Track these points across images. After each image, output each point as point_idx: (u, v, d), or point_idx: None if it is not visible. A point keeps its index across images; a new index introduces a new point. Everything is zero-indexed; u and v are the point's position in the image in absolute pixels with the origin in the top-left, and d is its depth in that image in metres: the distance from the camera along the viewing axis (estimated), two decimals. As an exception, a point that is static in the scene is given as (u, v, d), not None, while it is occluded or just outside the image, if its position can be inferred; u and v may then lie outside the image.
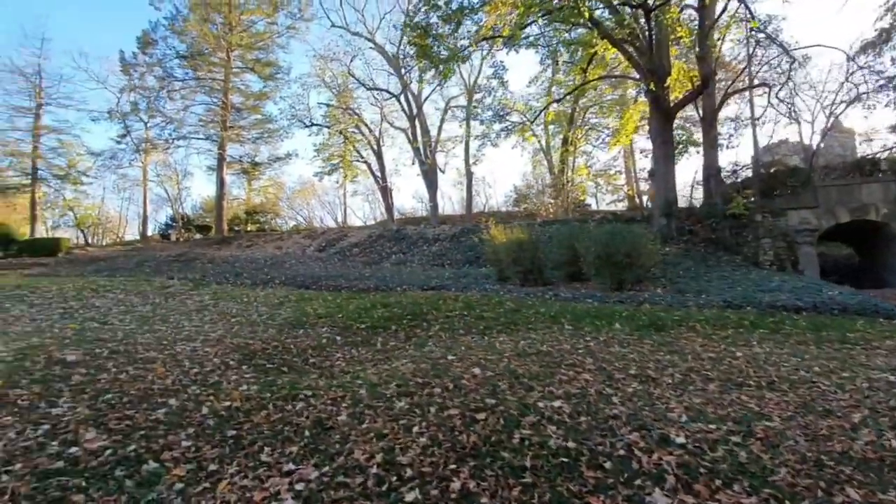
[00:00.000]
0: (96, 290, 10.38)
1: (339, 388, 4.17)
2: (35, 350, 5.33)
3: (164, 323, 7.17)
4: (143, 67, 26.43)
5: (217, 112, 28.51)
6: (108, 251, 24.42)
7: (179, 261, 18.24)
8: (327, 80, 29.09)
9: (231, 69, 28.06)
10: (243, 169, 31.06)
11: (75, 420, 3.47)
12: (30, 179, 26.39)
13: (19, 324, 7.19)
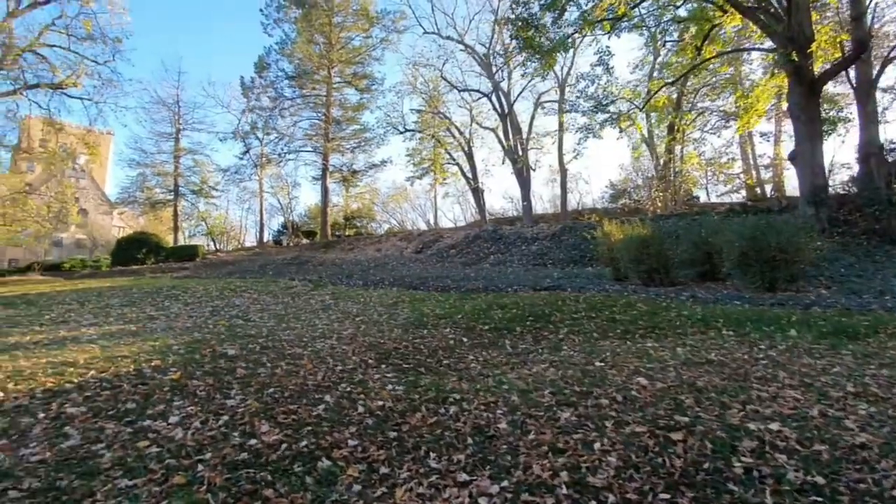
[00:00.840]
0: (234, 290, 11.50)
1: (486, 392, 3.95)
2: (200, 344, 5.89)
3: (297, 321, 7.62)
4: (259, 90, 29.45)
5: (320, 126, 30.70)
6: (234, 256, 27.39)
7: (294, 264, 19.79)
8: (419, 86, 29.85)
9: (332, 84, 30.04)
10: (343, 177, 33.05)
11: (248, 412, 3.65)
12: (172, 195, 30.69)
13: (180, 320, 8.12)
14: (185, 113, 30.32)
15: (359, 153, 32.73)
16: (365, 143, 33.14)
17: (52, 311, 9.31)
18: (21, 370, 4.78)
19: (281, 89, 30.18)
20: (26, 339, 6.70)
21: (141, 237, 26.08)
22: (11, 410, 3.80)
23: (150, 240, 26.05)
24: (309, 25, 27.37)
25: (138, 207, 31.58)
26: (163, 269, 21.65)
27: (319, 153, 30.80)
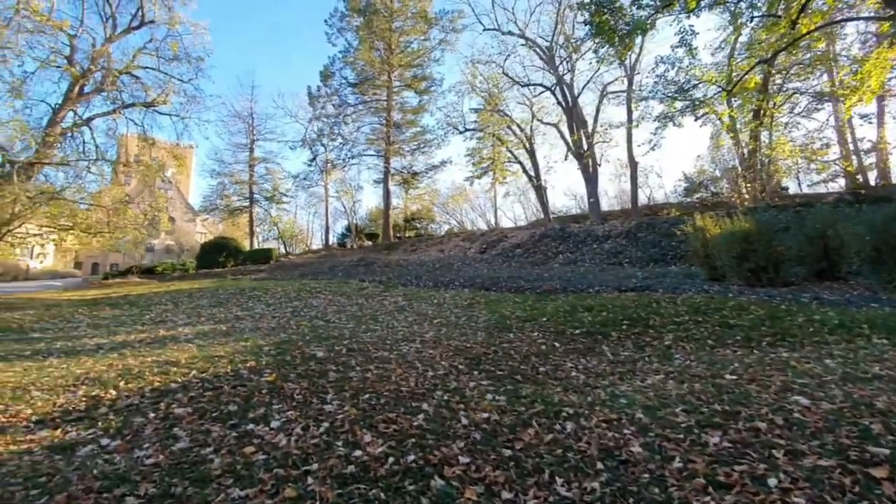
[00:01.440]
0: (310, 291, 11.79)
1: (602, 406, 3.52)
2: (287, 345, 5.93)
3: (375, 322, 7.55)
4: (324, 98, 30.59)
5: (382, 130, 31.30)
6: (304, 258, 28.56)
7: (361, 265, 20.19)
8: (477, 84, 29.52)
9: (392, 89, 30.53)
10: (403, 179, 33.46)
11: (347, 420, 3.48)
12: (248, 202, 32.67)
13: (264, 320, 8.35)
14: (258, 124, 32.30)
15: (418, 155, 33.04)
16: (424, 145, 33.37)
17: (151, 312, 10.00)
18: (130, 369, 5.01)
19: (344, 96, 31.21)
20: (132, 338, 7.16)
21: (221, 242, 28.02)
22: (124, 409, 3.92)
23: (229, 244, 27.88)
24: (370, 32, 28.01)
25: (218, 214, 34.03)
26: (241, 271, 22.99)
27: (381, 157, 31.41)
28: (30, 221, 14.38)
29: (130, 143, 21.06)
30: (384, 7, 27.98)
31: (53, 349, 6.34)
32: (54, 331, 7.97)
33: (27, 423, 3.69)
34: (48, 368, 5.12)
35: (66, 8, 17.31)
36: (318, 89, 30.67)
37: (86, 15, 18.33)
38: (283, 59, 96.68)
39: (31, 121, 16.97)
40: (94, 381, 4.61)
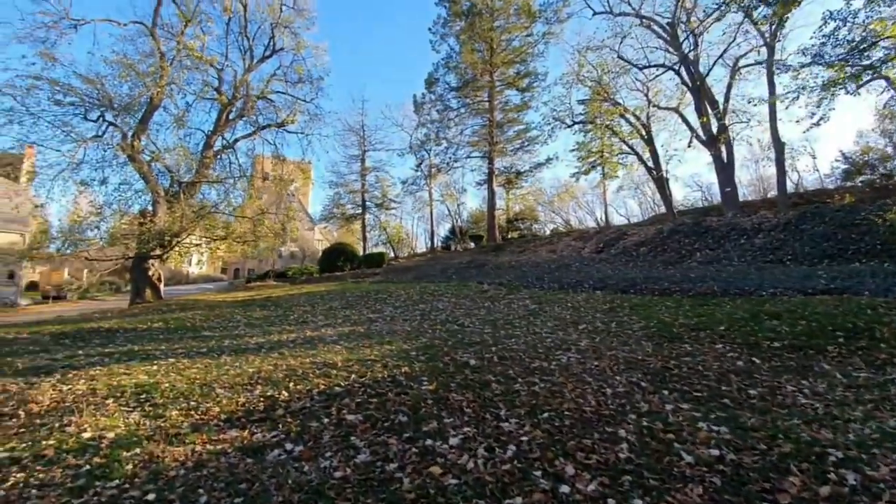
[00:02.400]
0: (431, 294, 11.80)
1: (880, 447, 2.61)
2: (432, 350, 5.74)
3: (512, 327, 7.10)
4: (429, 105, 31.37)
5: (484, 131, 31.12)
6: (412, 261, 29.44)
7: (472, 267, 20.05)
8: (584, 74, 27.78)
9: (495, 88, 30.18)
10: (507, 179, 32.91)
11: (535, 443, 3.04)
12: (360, 209, 34.78)
13: (397, 323, 8.41)
14: (369, 135, 34.24)
15: (522, 154, 32.22)
16: (528, 143, 32.43)
17: (293, 313, 10.76)
18: (294, 369, 5.17)
19: (447, 101, 31.66)
20: (284, 338, 7.63)
21: (339, 247, 30.18)
22: (299, 412, 3.94)
23: (346, 249, 29.88)
24: (472, 34, 28.02)
25: (335, 222, 36.77)
26: (359, 274, 24.37)
27: (485, 158, 31.24)
28: (193, 233, 16.72)
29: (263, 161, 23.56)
30: (486, 7, 27.77)
31: (223, 347, 6.93)
32: (220, 329, 8.87)
33: (217, 421, 3.86)
34: (224, 366, 5.51)
35: (213, 45, 19.79)
36: (423, 96, 31.57)
37: (229, 50, 20.87)
38: (390, 73, 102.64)
39: (191, 146, 19.76)
40: (266, 381, 4.79)
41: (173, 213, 15.90)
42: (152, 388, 4.73)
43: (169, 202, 16.27)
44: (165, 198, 16.26)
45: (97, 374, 5.35)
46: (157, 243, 15.31)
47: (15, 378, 5.51)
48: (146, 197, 17.50)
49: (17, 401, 4.69)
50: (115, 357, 6.40)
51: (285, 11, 19.93)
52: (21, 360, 6.62)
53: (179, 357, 6.23)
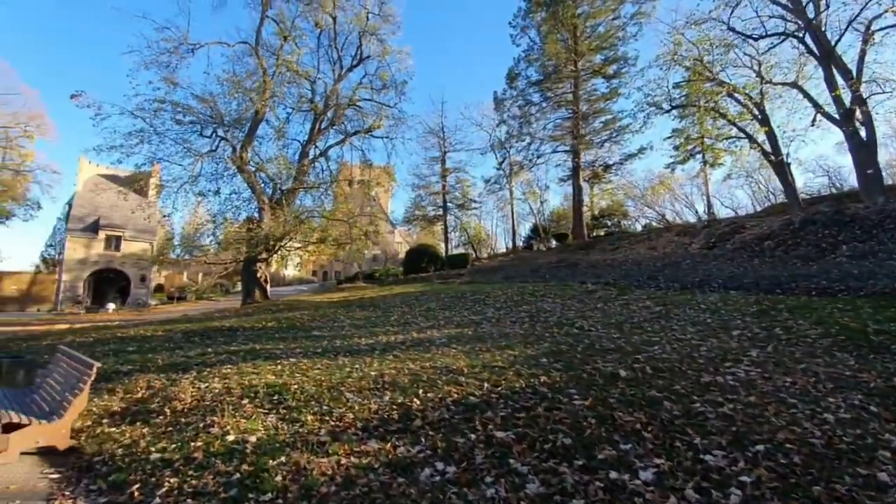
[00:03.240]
0: (532, 294, 11.15)
1: None
2: (561, 356, 5.13)
3: (644, 332, 6.25)
4: (509, 101, 30.68)
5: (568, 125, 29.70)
6: (496, 262, 28.87)
7: (563, 266, 19.00)
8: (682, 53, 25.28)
9: (580, 77, 28.64)
10: (594, 173, 31.08)
11: (767, 487, 2.32)
12: (441, 210, 34.94)
13: (505, 325, 7.89)
14: (448, 136, 34.32)
15: (611, 145, 30.21)
16: (617, 134, 30.34)
17: (392, 314, 10.71)
18: (417, 375, 4.85)
19: (529, 96, 30.72)
20: (392, 339, 7.46)
21: (422, 248, 30.50)
22: (438, 425, 3.56)
23: (429, 250, 30.12)
24: (555, 24, 26.87)
25: (417, 224, 37.35)
26: (443, 275, 24.32)
27: (569, 152, 29.80)
28: (295, 237, 17.70)
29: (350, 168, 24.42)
30: (568, -6, 26.46)
31: (337, 347, 6.89)
32: (328, 329, 9.00)
33: (355, 430, 3.60)
34: (345, 368, 5.36)
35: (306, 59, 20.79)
36: (504, 92, 30.92)
37: (320, 62, 21.91)
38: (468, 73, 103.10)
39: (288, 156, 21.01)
40: (392, 385, 4.52)
41: (276, 219, 16.90)
42: (282, 388, 4.67)
43: (272, 209, 17.33)
44: (269, 205, 17.33)
45: (229, 373, 5.48)
46: (264, 247, 16.33)
47: (158, 374, 5.85)
48: (252, 205, 18.89)
49: (162, 398, 4.89)
50: (241, 355, 6.62)
51: (371, 19, 20.44)
52: (160, 356, 7.12)
53: (299, 357, 6.25)
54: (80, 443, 4.02)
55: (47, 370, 4.93)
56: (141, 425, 4.22)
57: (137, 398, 5.03)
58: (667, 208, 37.08)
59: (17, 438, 3.65)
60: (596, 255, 21.90)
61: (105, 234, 31.83)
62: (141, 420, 4.35)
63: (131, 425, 4.28)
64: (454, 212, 35.72)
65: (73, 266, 30.75)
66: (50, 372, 4.84)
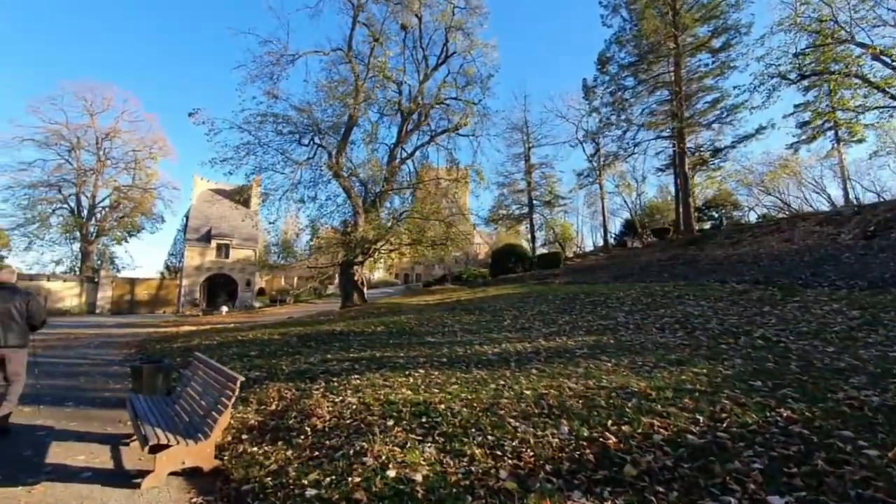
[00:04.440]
0: (664, 295, 9.72)
1: None
2: (782, 378, 3.93)
3: (863, 344, 4.76)
4: (601, 87, 28.54)
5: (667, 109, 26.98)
6: (591, 261, 26.98)
7: (678, 263, 16.93)
8: (812, 13, 21.67)
9: (682, 54, 25.83)
10: (701, 159, 27.85)
11: None
12: (527, 209, 33.60)
13: (651, 334, 6.70)
14: (533, 131, 32.88)
15: (721, 126, 26.84)
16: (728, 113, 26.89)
17: (502, 318, 9.89)
18: (589, 399, 3.91)
19: (622, 80, 28.34)
20: (519, 348, 6.62)
21: (509, 248, 29.47)
22: (663, 475, 2.63)
23: (516, 250, 29.02)
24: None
25: (502, 224, 36.27)
26: (536, 276, 23.11)
27: (671, 137, 26.98)
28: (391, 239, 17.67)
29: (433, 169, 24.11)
30: (667, -39, 23.93)
31: (462, 357, 6.22)
32: (440, 335, 8.41)
33: (544, 474, 2.79)
34: (488, 384, 4.62)
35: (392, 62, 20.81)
36: (595, 79, 28.84)
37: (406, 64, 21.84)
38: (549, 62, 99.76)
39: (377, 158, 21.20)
40: (563, 411, 3.66)
41: (370, 222, 16.97)
42: (427, 408, 4.03)
43: (366, 212, 17.44)
44: (364, 208, 17.45)
45: (360, 385, 5.00)
46: (361, 250, 16.42)
47: (286, 383, 5.56)
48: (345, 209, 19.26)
49: (298, 412, 4.50)
50: (364, 363, 6.18)
51: (457, 14, 19.94)
52: (283, 361, 6.95)
53: (426, 367, 5.65)
54: (225, 463, 3.67)
55: (186, 378, 4.77)
56: (283, 446, 3.80)
57: (272, 410, 4.70)
58: (790, 195, 32.45)
59: (164, 460, 3.36)
60: (713, 250, 19.37)
61: (216, 242, 34.88)
62: (282, 439, 3.94)
63: (273, 444, 3.88)
64: (539, 210, 34.16)
65: (191, 272, 34.07)
66: (188, 380, 4.66)
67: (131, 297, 34.53)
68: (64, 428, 4.77)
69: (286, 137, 17.88)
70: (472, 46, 20.48)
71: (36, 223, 37.24)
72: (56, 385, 6.84)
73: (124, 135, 40.49)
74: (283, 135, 17.76)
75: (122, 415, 5.30)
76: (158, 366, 5.81)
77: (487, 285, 22.62)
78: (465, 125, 21.31)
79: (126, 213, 40.81)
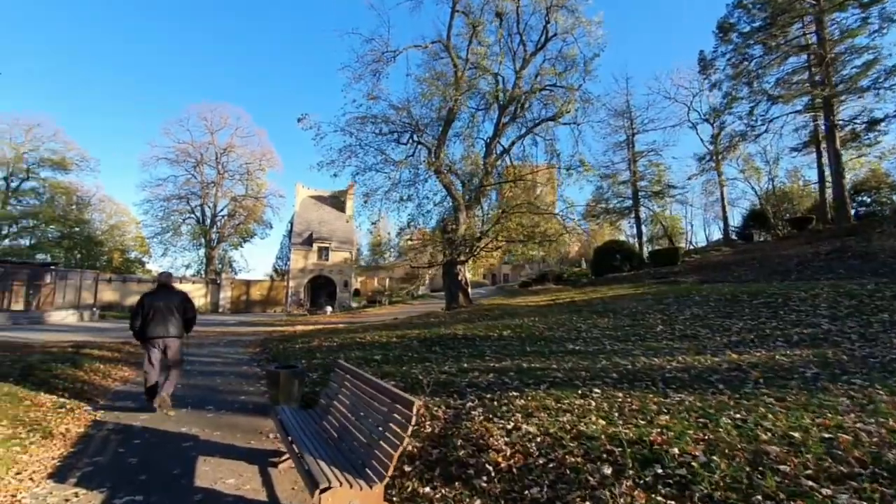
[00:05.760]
0: (871, 297, 7.55)
1: None
2: None
3: None
4: (722, 59, 25.02)
5: (806, 79, 22.89)
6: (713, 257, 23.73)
7: (847, 258, 13.84)
8: None
9: (823, 9, 21.69)
10: (853, 133, 23.19)
11: None
12: (631, 201, 30.69)
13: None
14: (637, 116, 29.96)
15: (881, 93, 22.05)
16: (887, 76, 22.05)
17: (644, 322, 8.43)
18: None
19: (748, 48, 24.59)
20: (701, 361, 5.26)
21: (613, 245, 27.00)
22: None
23: (622, 247, 26.52)
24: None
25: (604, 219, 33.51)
26: (651, 274, 20.72)
27: (813, 110, 22.81)
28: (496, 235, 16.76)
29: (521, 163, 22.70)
30: None
31: (635, 372, 5.02)
32: (582, 342, 7.24)
33: None
34: (715, 417, 3.39)
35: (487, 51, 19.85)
36: (714, 50, 25.38)
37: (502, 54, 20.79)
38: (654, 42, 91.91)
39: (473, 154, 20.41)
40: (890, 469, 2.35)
41: (471, 219, 16.19)
42: (653, 451, 2.92)
43: (467, 208, 16.69)
44: (465, 204, 16.72)
45: (527, 407, 4.03)
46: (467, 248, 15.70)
47: (431, 398, 4.80)
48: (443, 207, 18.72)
49: (463, 438, 3.63)
50: (512, 376, 5.21)
51: (560, -11, 18.43)
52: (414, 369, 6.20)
53: (600, 385, 4.53)
54: (396, 509, 2.93)
55: (331, 389, 4.17)
56: (463, 488, 2.95)
57: (428, 434, 3.91)
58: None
59: (330, 501, 2.67)
60: (885, 241, 15.70)
61: (317, 245, 36.77)
62: (458, 478, 3.09)
63: (448, 485, 3.05)
64: (644, 202, 31.02)
65: (296, 274, 36.25)
66: (334, 392, 4.05)
67: (247, 297, 37.64)
68: (208, 438, 4.44)
69: (385, 137, 17.81)
70: (576, 25, 18.81)
71: (170, 232, 42.35)
72: (196, 385, 6.84)
73: (238, 149, 44.58)
74: (382, 135, 17.71)
75: (261, 423, 4.93)
76: (294, 371, 5.41)
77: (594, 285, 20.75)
78: (566, 112, 19.68)
79: (241, 221, 44.83)
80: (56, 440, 4.25)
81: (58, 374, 6.67)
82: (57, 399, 5.50)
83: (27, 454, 3.79)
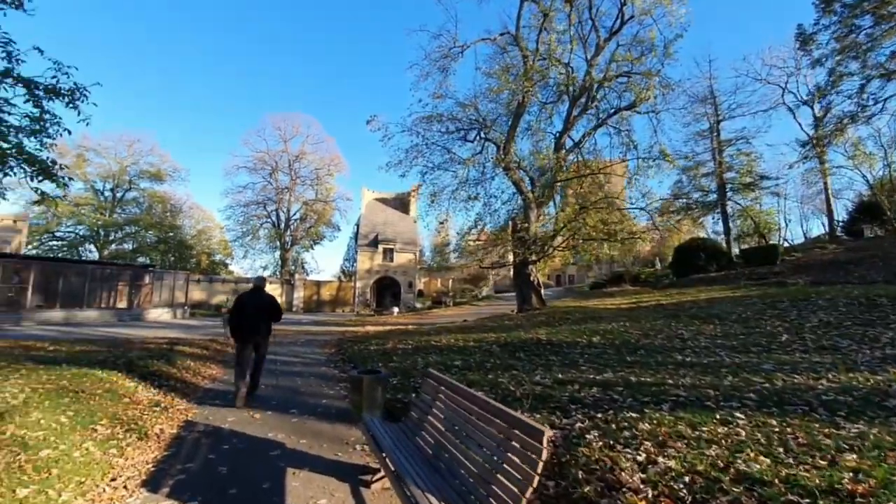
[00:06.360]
0: None
1: None
2: None
3: None
4: (826, 32, 22.00)
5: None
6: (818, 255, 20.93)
7: None
8: None
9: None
10: None
11: None
12: (716, 195, 27.95)
13: None
14: (722, 101, 27.19)
15: None
16: None
17: (758, 329, 7.29)
18: None
19: (856, 18, 21.44)
20: (860, 381, 4.27)
21: (697, 243, 24.69)
22: None
23: (707, 245, 24.19)
24: None
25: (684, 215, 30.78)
26: (746, 274, 18.59)
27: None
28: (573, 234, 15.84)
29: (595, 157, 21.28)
30: None
31: (779, 393, 4.14)
32: (691, 352, 6.33)
33: None
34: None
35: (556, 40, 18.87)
36: (816, 22, 22.40)
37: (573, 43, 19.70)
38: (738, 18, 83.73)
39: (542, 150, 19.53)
40: None
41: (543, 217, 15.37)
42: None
43: (538, 206, 15.90)
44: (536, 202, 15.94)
45: (657, 433, 3.38)
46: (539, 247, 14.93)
47: (532, 413, 4.28)
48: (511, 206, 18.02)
49: (584, 470, 3.10)
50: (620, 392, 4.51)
51: (640, -36, 17.07)
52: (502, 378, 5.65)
53: (741, 409, 3.75)
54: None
55: (424, 402, 3.77)
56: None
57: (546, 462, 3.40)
58: None
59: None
60: None
61: (382, 247, 37.44)
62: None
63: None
64: (731, 195, 28.10)
65: (363, 275, 37.14)
66: (427, 405, 3.64)
67: (317, 297, 39.18)
68: (294, 447, 4.22)
69: (452, 136, 17.47)
70: (656, 4, 17.33)
71: (249, 235, 45.30)
72: (278, 386, 6.81)
73: (309, 156, 46.73)
74: (449, 133, 17.38)
75: (345, 433, 4.67)
76: (377, 377, 5.11)
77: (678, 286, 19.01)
78: (645, 100, 18.18)
79: (312, 224, 46.93)
80: (151, 441, 4.23)
81: (154, 370, 6.94)
82: (152, 397, 5.63)
83: (123, 457, 3.76)
